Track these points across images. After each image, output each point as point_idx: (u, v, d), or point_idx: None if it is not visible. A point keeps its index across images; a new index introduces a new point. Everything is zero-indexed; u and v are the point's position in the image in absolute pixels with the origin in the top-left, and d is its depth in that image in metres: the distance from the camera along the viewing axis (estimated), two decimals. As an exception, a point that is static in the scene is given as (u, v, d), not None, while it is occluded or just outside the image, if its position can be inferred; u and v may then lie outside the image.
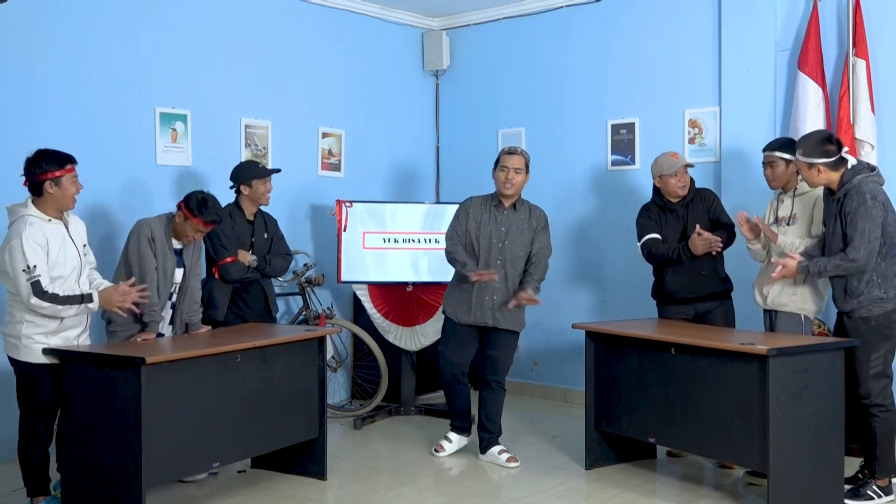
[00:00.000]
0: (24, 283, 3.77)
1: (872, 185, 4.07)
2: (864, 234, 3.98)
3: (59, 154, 3.95)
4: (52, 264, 3.87)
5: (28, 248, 3.78)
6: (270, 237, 5.27)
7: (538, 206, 5.11)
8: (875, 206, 4.00)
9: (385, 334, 6.16)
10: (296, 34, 6.42)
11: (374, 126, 6.95)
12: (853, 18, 5.19)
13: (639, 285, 5.58)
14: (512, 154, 4.94)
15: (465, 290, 4.98)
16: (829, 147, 4.09)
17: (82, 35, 5.28)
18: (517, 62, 6.92)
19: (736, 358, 4.07)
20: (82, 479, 3.82)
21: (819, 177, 4.13)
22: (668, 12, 6.12)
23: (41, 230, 3.86)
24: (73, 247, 4.01)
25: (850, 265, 4.03)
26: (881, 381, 4.15)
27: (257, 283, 5.18)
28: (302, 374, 4.57)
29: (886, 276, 4.10)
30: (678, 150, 6.02)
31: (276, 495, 4.46)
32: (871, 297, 4.09)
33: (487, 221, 4.95)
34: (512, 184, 4.89)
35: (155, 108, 5.62)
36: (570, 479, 4.74)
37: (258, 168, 5.21)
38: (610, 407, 4.76)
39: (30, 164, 3.92)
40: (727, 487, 4.59)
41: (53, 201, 3.93)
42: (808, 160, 4.11)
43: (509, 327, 4.99)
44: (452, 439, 5.23)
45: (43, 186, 3.89)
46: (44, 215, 3.91)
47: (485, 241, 4.93)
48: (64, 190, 3.92)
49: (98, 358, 3.83)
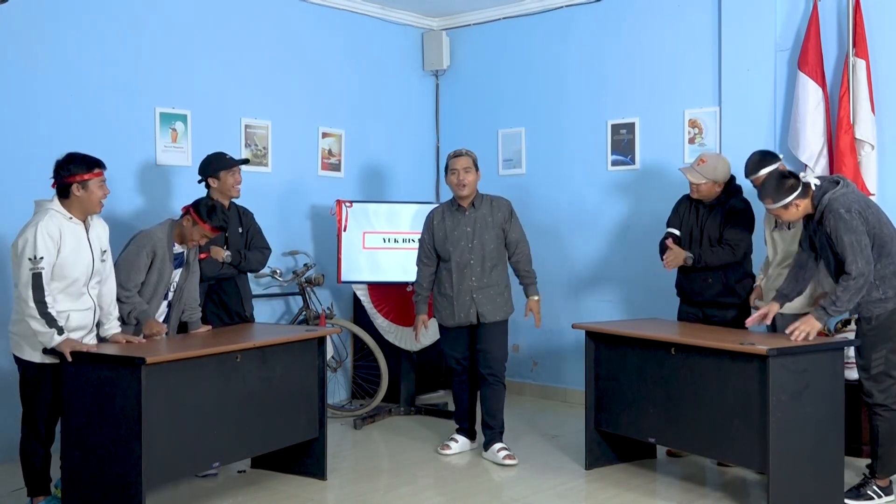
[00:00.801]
0: (25, 271, 3.78)
1: (841, 197, 4.08)
2: (854, 247, 4.00)
3: (89, 158, 4.00)
4: (62, 262, 3.88)
5: (41, 238, 3.80)
6: (246, 231, 5.13)
7: (500, 196, 5.15)
8: (851, 217, 4.02)
9: (385, 334, 6.16)
10: (296, 34, 6.43)
11: (374, 126, 6.95)
12: (853, 18, 5.19)
13: (639, 285, 5.59)
14: (458, 156, 5.03)
15: (445, 296, 5.07)
16: (790, 182, 4.12)
17: (82, 35, 5.28)
18: (517, 62, 6.92)
19: (736, 358, 4.07)
20: (82, 479, 3.82)
21: (798, 210, 4.16)
22: (668, 12, 6.12)
23: (58, 225, 3.88)
24: (89, 250, 4.01)
25: (856, 282, 4.02)
26: (884, 382, 4.15)
27: (232, 281, 5.04)
28: (302, 374, 4.57)
29: (883, 276, 4.11)
30: (678, 150, 6.04)
31: (276, 495, 4.47)
32: (869, 298, 4.10)
33: (453, 227, 5.03)
34: (464, 184, 4.97)
35: (155, 108, 5.62)
36: (570, 479, 4.75)
37: (225, 159, 4.99)
38: (610, 407, 4.76)
39: (59, 166, 3.96)
40: (727, 487, 4.59)
41: (80, 204, 3.96)
42: (782, 203, 4.13)
43: (496, 318, 5.03)
44: (458, 440, 5.25)
45: (70, 189, 3.93)
46: (66, 212, 3.94)
47: (455, 246, 5.00)
48: (91, 193, 3.96)
49: (98, 358, 3.83)
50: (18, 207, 5.03)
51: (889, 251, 4.12)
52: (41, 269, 3.79)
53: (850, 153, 5.13)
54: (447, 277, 5.05)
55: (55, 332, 3.80)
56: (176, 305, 4.56)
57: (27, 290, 3.78)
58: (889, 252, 4.12)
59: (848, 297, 4.04)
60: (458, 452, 5.21)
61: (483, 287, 4.99)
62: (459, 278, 5.00)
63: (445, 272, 5.06)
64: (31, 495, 4.07)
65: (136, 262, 4.34)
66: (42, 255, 3.79)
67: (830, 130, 5.29)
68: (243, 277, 5.16)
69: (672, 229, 5.03)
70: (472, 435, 5.30)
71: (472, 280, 4.98)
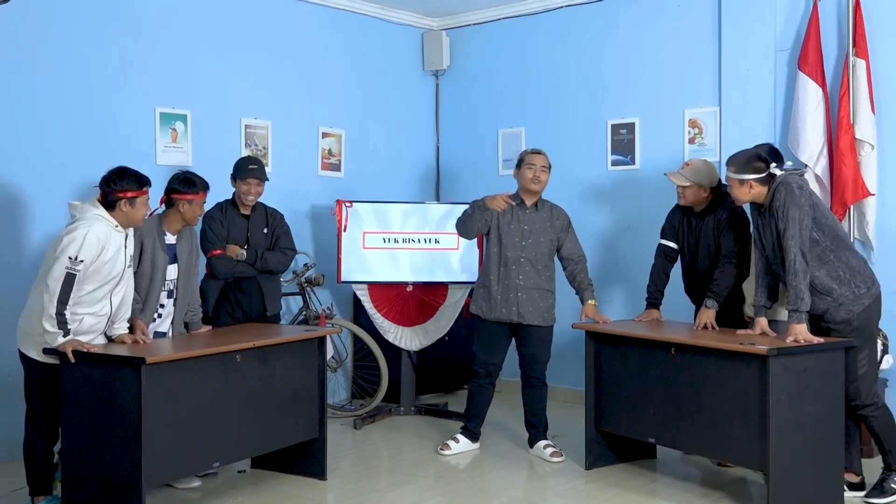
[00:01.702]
0: (61, 268, 3.79)
1: (797, 178, 4.12)
2: (796, 222, 4.00)
3: (140, 176, 4.06)
4: (97, 268, 3.90)
5: (88, 241, 3.83)
6: (272, 231, 5.17)
7: (559, 206, 5.16)
8: (801, 194, 4.04)
9: (385, 334, 6.16)
10: (296, 34, 6.43)
11: (374, 126, 6.95)
12: (853, 18, 5.19)
13: (639, 285, 5.58)
14: (538, 153, 5.04)
15: (489, 287, 5.03)
16: (758, 164, 4.13)
17: (82, 35, 5.28)
18: (517, 62, 6.92)
19: (736, 358, 4.07)
20: (82, 478, 3.82)
21: (749, 193, 4.16)
22: (668, 12, 6.12)
23: (106, 233, 3.93)
24: (124, 261, 4.06)
25: (798, 264, 3.99)
26: (869, 380, 4.18)
27: (253, 281, 5.07)
28: (302, 374, 4.57)
29: (853, 268, 4.12)
30: (678, 150, 6.05)
31: (276, 495, 4.46)
32: (844, 294, 4.09)
33: (509, 221, 5.00)
34: (539, 180, 4.99)
35: (155, 108, 5.62)
36: (570, 479, 4.75)
37: (243, 168, 5.04)
38: (610, 407, 4.76)
39: (109, 179, 4.00)
40: (727, 487, 4.59)
41: (124, 218, 4.02)
42: (739, 176, 4.13)
43: (538, 322, 5.03)
44: (460, 441, 5.24)
45: (118, 203, 3.98)
46: (112, 220, 3.99)
47: (508, 240, 4.98)
48: (136, 210, 4.03)
49: (98, 358, 3.83)
50: (18, 207, 5.04)
51: (845, 242, 4.17)
52: (77, 270, 3.82)
53: (850, 153, 5.13)
54: (493, 270, 5.02)
55: (61, 334, 3.81)
56: (179, 305, 4.56)
57: (56, 285, 3.79)
58: (846, 243, 4.16)
59: (800, 282, 4.00)
60: (457, 453, 5.20)
61: (529, 288, 4.99)
62: (506, 273, 4.98)
63: (493, 264, 5.03)
64: (32, 494, 4.08)
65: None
66: (83, 259, 3.82)
67: (830, 130, 5.29)
68: (269, 277, 5.14)
69: (667, 241, 5.02)
70: (476, 437, 5.30)
71: (518, 278, 4.98)
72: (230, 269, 4.97)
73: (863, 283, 4.13)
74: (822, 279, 4.11)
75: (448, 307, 6.22)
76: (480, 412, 5.26)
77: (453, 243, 6.11)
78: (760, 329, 4.30)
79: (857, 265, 4.15)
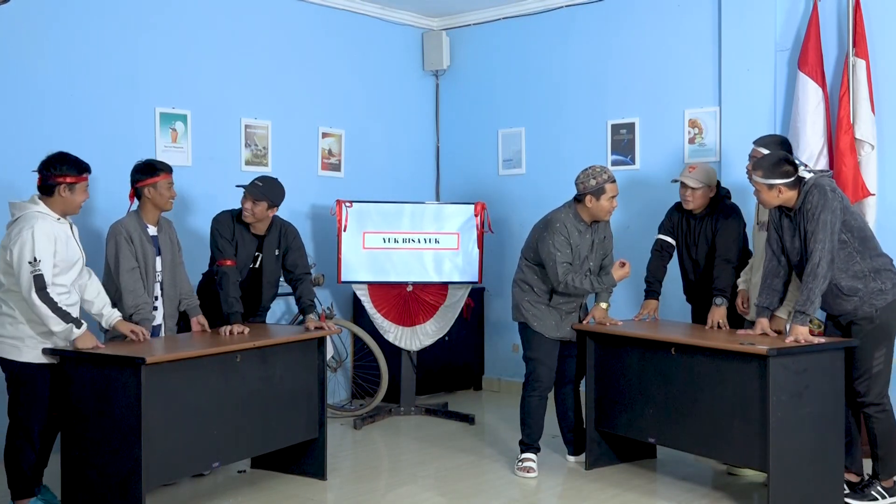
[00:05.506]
0: (26, 276, 3.77)
1: (830, 181, 4.12)
2: (827, 226, 3.98)
3: (80, 162, 4.02)
4: (58, 262, 3.88)
5: (38, 240, 3.80)
6: (283, 253, 4.93)
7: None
8: (835, 197, 4.02)
9: (385, 334, 6.16)
10: (296, 34, 6.43)
11: (374, 126, 6.95)
12: (853, 18, 5.19)
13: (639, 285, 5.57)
14: (615, 183, 4.80)
15: (556, 308, 4.88)
16: (787, 167, 4.09)
17: (82, 35, 5.28)
18: (517, 62, 6.92)
19: (736, 358, 4.07)
20: (82, 479, 3.82)
21: (779, 197, 4.12)
22: (668, 12, 6.12)
23: (50, 225, 3.89)
24: (77, 249, 4.03)
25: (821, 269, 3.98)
26: (881, 379, 4.15)
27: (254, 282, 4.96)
28: (302, 374, 4.57)
29: (877, 269, 4.11)
30: (678, 150, 6.05)
31: (276, 495, 4.46)
32: (868, 289, 4.09)
33: (578, 240, 4.85)
34: (611, 212, 4.85)
35: (155, 108, 5.62)
36: (570, 479, 4.75)
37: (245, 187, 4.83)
38: (610, 407, 4.76)
39: (48, 164, 3.96)
40: (727, 487, 4.59)
41: (63, 204, 3.97)
42: (769, 181, 4.11)
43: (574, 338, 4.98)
44: (534, 458, 4.91)
45: (56, 189, 3.94)
46: (52, 213, 3.94)
47: (577, 260, 4.85)
48: (76, 196, 3.99)
49: (98, 358, 3.83)
50: (18, 207, 5.04)
51: (873, 245, 4.15)
52: (41, 271, 3.78)
53: (850, 153, 5.13)
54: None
55: (73, 326, 3.82)
56: (167, 295, 4.56)
57: (31, 294, 3.77)
58: (874, 246, 4.15)
59: (817, 286, 4.00)
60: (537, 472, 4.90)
61: (582, 305, 5.00)
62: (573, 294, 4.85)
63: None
64: (15, 499, 3.99)
65: (119, 251, 4.36)
66: (41, 258, 3.79)
67: (830, 130, 5.29)
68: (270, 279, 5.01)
69: (665, 237, 5.04)
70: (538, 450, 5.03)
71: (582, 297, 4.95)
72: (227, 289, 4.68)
73: (888, 279, 4.11)
74: (848, 281, 4.09)
75: (448, 307, 6.22)
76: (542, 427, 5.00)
77: (453, 243, 6.12)
78: (761, 329, 4.30)
79: (881, 266, 4.12)
